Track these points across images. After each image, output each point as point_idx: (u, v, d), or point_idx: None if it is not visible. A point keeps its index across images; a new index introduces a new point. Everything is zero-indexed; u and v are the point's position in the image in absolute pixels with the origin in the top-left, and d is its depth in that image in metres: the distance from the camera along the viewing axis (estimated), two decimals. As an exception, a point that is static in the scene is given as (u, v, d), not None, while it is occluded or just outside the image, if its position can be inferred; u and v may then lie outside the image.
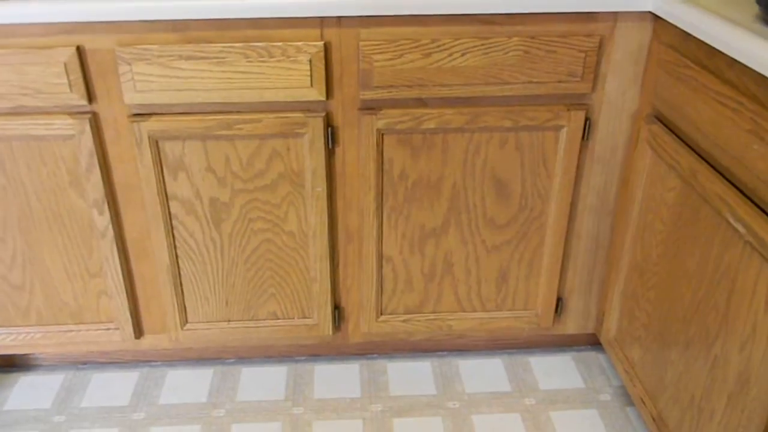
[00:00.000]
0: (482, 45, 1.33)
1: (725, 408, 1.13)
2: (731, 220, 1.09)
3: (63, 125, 1.35)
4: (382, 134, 1.39)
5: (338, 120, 1.40)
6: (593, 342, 1.81)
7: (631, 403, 1.62)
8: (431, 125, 1.39)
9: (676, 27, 1.27)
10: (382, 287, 1.57)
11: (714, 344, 1.16)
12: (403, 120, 1.38)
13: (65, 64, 1.29)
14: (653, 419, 1.37)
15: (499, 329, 1.65)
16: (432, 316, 1.62)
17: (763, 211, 1.03)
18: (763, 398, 1.02)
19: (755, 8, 1.17)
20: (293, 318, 1.61)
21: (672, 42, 1.29)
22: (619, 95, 1.42)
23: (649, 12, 1.34)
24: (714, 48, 1.15)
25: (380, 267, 1.54)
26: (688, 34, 1.23)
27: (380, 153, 1.41)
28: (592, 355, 1.77)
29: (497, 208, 1.50)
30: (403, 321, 1.62)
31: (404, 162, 1.43)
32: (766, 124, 1.01)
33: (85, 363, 1.75)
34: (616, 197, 1.53)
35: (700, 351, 1.20)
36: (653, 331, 1.38)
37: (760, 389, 1.03)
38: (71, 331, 1.59)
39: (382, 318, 1.60)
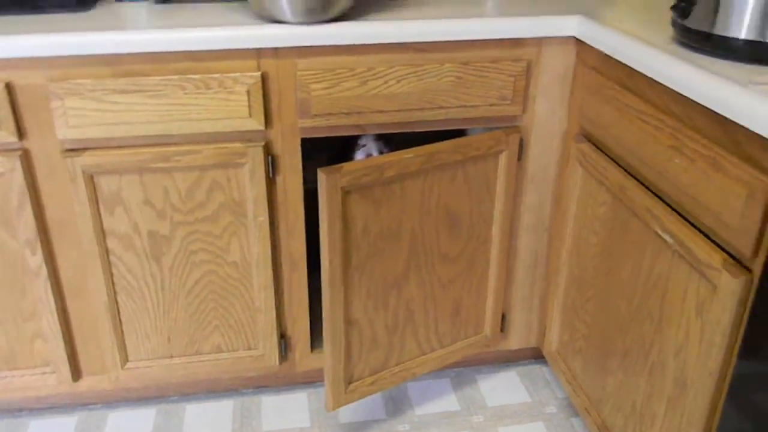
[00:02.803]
0: (416, 72, 1.37)
1: (665, 412, 1.18)
2: (659, 231, 1.14)
3: (-8, 163, 1.31)
4: (347, 192, 1.33)
5: (278, 148, 1.40)
6: (536, 356, 1.85)
7: (576, 414, 1.66)
8: (392, 173, 1.35)
9: (598, 50, 1.34)
10: (349, 354, 1.49)
11: (651, 351, 1.21)
12: (367, 173, 1.32)
13: (-7, 101, 1.26)
14: (598, 428, 1.42)
15: (455, 361, 1.64)
16: (396, 369, 1.57)
17: (688, 221, 1.10)
18: (700, 401, 1.07)
19: (671, 30, 1.25)
20: (238, 350, 1.59)
21: (595, 64, 1.36)
22: (548, 116, 1.48)
23: (573, 37, 1.41)
24: (634, 69, 1.22)
25: (348, 333, 1.46)
26: (610, 57, 1.30)
27: (345, 212, 1.34)
28: (536, 369, 1.82)
29: (449, 242, 1.51)
30: (371, 384, 1.54)
31: (366, 216, 1.37)
32: (685, 140, 1.07)
33: (20, 410, 1.68)
34: (550, 214, 1.58)
35: (638, 358, 1.25)
36: (593, 341, 1.43)
37: (696, 392, 1.08)
38: (5, 377, 1.52)
39: (351, 387, 1.52)
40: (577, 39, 1.41)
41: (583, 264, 1.44)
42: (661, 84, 1.14)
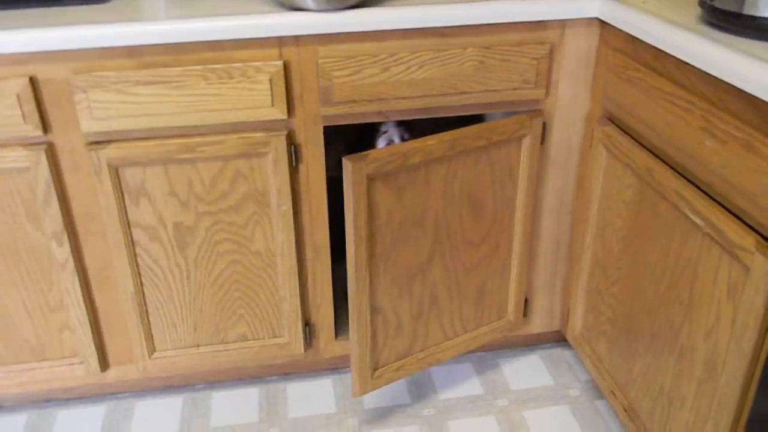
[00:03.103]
0: (439, 57, 1.36)
1: (695, 395, 1.18)
2: (689, 214, 1.14)
3: (17, 157, 1.31)
4: (372, 179, 1.32)
5: (301, 137, 1.40)
6: (558, 339, 1.85)
7: (600, 397, 1.67)
8: (416, 159, 1.35)
9: (622, 31, 1.33)
10: (375, 340, 1.49)
11: (680, 334, 1.21)
12: (391, 160, 1.32)
13: (18, 96, 1.26)
14: (625, 410, 1.42)
15: (479, 346, 1.64)
16: (421, 355, 1.58)
17: (719, 203, 1.09)
18: (732, 383, 1.07)
19: (697, 10, 1.23)
20: (263, 338, 1.60)
21: (619, 46, 1.35)
22: (571, 99, 1.47)
23: (596, 18, 1.39)
24: (661, 50, 1.20)
25: (373, 320, 1.46)
26: (635, 38, 1.28)
27: (370, 200, 1.34)
28: (558, 352, 1.82)
29: (473, 227, 1.51)
30: (396, 369, 1.54)
31: (390, 203, 1.37)
32: (717, 122, 1.06)
33: (48, 400, 1.70)
34: (573, 197, 1.57)
35: (667, 341, 1.25)
36: (619, 325, 1.43)
37: (728, 374, 1.07)
38: (33, 369, 1.54)
39: (377, 373, 1.52)
40: (600, 20, 1.40)
41: (608, 247, 1.44)
42: (690, 65, 1.13)
